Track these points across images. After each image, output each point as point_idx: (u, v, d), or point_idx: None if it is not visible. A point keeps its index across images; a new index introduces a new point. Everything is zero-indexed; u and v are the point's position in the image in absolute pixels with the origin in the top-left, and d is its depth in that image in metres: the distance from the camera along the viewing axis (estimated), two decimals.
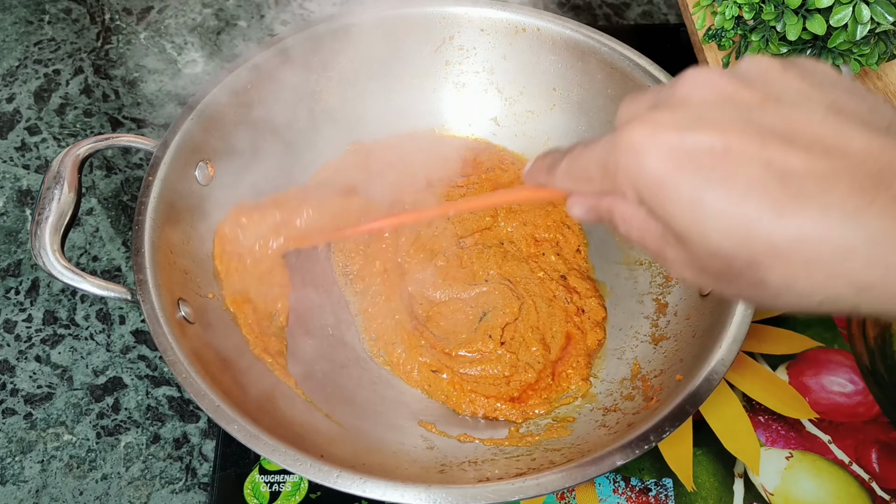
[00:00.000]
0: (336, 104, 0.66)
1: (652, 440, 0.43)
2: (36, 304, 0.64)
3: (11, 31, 0.82)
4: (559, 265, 0.61)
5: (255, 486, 0.53)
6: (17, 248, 0.67)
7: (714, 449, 0.55)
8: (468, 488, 0.41)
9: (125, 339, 0.62)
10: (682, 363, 0.51)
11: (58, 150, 0.73)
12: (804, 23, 0.56)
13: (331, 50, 0.63)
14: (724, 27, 0.62)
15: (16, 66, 0.79)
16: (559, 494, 0.53)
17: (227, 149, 0.59)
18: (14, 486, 0.56)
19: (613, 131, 0.29)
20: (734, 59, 0.65)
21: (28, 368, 0.61)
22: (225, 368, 0.49)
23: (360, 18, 0.62)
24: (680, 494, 0.53)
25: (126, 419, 0.59)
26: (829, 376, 0.58)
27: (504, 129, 0.68)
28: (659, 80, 0.59)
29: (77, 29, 0.82)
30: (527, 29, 0.63)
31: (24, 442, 0.58)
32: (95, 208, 0.69)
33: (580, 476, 0.42)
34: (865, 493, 0.54)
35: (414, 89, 0.67)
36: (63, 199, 0.49)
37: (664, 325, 0.56)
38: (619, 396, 0.53)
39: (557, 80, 0.65)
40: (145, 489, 0.56)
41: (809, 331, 0.61)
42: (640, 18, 0.86)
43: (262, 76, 0.60)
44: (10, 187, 0.71)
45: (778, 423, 0.56)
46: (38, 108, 0.76)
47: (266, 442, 0.42)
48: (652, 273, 0.60)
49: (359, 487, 0.41)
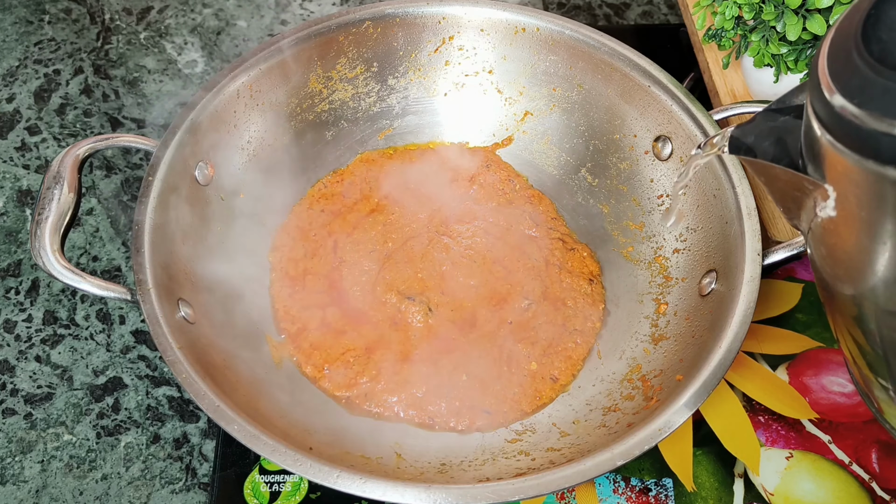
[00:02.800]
0: (336, 104, 0.66)
1: (652, 440, 0.43)
2: (36, 304, 0.64)
3: (11, 31, 0.82)
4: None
5: (255, 486, 0.53)
6: (17, 248, 0.67)
7: (714, 449, 0.55)
8: (468, 488, 0.41)
9: (125, 339, 0.62)
10: (682, 363, 0.51)
11: (58, 150, 0.73)
12: (804, 23, 0.56)
13: (331, 50, 0.63)
14: (724, 27, 0.62)
15: (16, 66, 0.79)
16: (559, 494, 0.53)
17: (226, 149, 0.59)
18: (14, 486, 0.56)
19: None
20: (734, 59, 0.65)
21: (28, 368, 0.61)
22: (225, 368, 0.49)
23: (360, 18, 0.62)
24: (680, 494, 0.53)
25: (126, 419, 0.59)
26: (829, 376, 0.58)
27: (504, 131, 0.68)
28: (659, 80, 0.59)
29: (77, 29, 0.82)
30: (527, 29, 0.63)
31: (24, 442, 0.58)
32: (95, 208, 0.70)
33: (580, 476, 0.42)
34: (865, 493, 0.54)
35: (414, 89, 0.68)
36: (63, 199, 0.49)
37: (664, 325, 0.56)
38: (619, 396, 0.53)
39: (557, 80, 0.65)
40: (145, 489, 0.56)
41: (809, 331, 0.61)
42: (640, 18, 0.86)
43: (262, 76, 0.60)
44: (10, 187, 0.71)
45: (778, 423, 0.56)
46: (38, 108, 0.76)
47: (266, 442, 0.42)
48: (652, 273, 0.60)
49: (359, 487, 0.41)
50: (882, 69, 0.26)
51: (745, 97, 0.66)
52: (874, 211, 0.29)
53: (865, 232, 0.31)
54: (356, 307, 0.59)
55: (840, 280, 0.35)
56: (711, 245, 0.55)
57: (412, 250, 0.61)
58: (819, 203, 0.32)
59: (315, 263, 0.61)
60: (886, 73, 0.26)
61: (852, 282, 0.34)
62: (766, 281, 0.62)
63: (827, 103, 0.28)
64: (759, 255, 0.50)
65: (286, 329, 0.57)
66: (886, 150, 0.27)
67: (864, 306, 0.34)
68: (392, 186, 0.65)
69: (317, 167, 0.66)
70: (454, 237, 0.63)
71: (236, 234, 0.59)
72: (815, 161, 0.31)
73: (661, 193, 0.61)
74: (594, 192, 0.66)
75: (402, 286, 0.59)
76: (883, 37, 0.27)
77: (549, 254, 0.62)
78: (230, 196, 0.59)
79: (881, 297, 0.32)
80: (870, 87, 0.27)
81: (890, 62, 0.27)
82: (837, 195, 0.31)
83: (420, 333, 0.57)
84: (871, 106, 0.27)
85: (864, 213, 0.30)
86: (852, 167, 0.28)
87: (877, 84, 0.26)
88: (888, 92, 0.26)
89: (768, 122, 0.36)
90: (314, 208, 0.64)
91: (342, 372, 0.55)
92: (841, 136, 0.28)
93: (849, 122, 0.28)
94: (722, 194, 0.54)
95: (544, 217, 0.65)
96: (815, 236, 0.34)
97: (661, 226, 0.61)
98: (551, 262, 0.61)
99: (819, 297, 0.62)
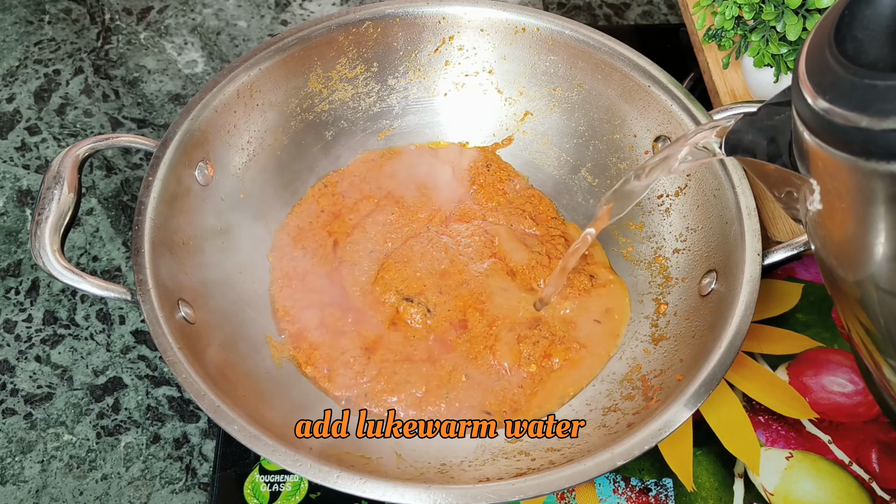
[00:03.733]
0: (336, 104, 0.66)
1: (652, 440, 0.43)
2: (36, 304, 0.64)
3: (11, 31, 0.82)
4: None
5: (255, 486, 0.53)
6: (17, 248, 0.67)
7: (714, 449, 0.55)
8: (468, 488, 0.41)
9: (125, 339, 0.62)
10: (682, 363, 0.51)
11: (58, 150, 0.73)
12: (804, 23, 0.56)
13: (331, 50, 0.63)
14: (724, 27, 0.62)
15: (16, 66, 0.79)
16: (559, 494, 0.53)
17: (226, 149, 0.59)
18: (14, 486, 0.56)
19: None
20: (734, 59, 0.65)
21: (28, 368, 0.61)
22: (225, 368, 0.49)
23: (360, 18, 0.62)
24: (680, 494, 0.53)
25: (126, 419, 0.59)
26: (829, 376, 0.58)
27: (504, 131, 0.68)
28: (659, 80, 0.59)
29: (77, 29, 0.82)
30: (527, 29, 0.63)
31: (24, 442, 0.58)
32: (95, 208, 0.70)
33: (580, 476, 0.42)
34: (865, 493, 0.54)
35: (414, 89, 0.68)
36: (63, 199, 0.49)
37: (664, 325, 0.56)
38: (619, 396, 0.53)
39: (557, 80, 0.65)
40: (145, 489, 0.56)
41: (809, 331, 0.61)
42: (640, 18, 0.86)
43: (262, 76, 0.60)
44: (10, 187, 0.71)
45: (778, 423, 0.56)
46: (38, 108, 0.76)
47: (266, 442, 0.42)
48: (652, 273, 0.60)
49: (359, 487, 0.41)
50: (850, 66, 0.28)
51: (745, 97, 0.66)
52: (852, 201, 0.31)
53: (848, 222, 0.32)
54: (356, 307, 0.59)
55: (839, 266, 0.35)
56: (711, 245, 0.55)
57: (411, 250, 0.61)
58: (808, 197, 0.33)
59: (315, 263, 0.61)
60: (854, 70, 0.27)
61: (849, 267, 0.35)
62: (766, 281, 0.62)
63: (804, 100, 0.30)
64: (759, 255, 0.50)
65: (286, 329, 0.57)
66: (857, 143, 0.28)
67: (865, 289, 0.35)
68: (392, 186, 0.65)
69: (317, 167, 0.66)
70: (454, 237, 0.63)
71: (236, 235, 0.59)
72: (801, 157, 0.33)
73: (662, 193, 0.61)
74: (594, 192, 0.66)
75: (401, 286, 0.59)
76: (858, 35, 0.29)
77: (551, 250, 0.62)
78: (230, 196, 0.59)
79: (880, 278, 0.33)
80: (839, 84, 0.28)
81: (862, 60, 0.28)
82: (821, 189, 0.32)
83: (419, 334, 0.57)
84: (841, 102, 0.28)
85: (843, 204, 0.31)
86: (830, 160, 0.30)
87: (845, 80, 0.28)
88: (855, 88, 0.27)
89: (763, 119, 0.38)
90: (314, 208, 0.64)
91: (342, 372, 0.55)
92: (818, 132, 0.30)
93: (822, 118, 0.29)
94: (722, 194, 0.54)
95: (544, 217, 0.65)
96: (811, 228, 0.35)
97: (661, 225, 0.61)
98: (552, 261, 0.61)
99: (822, 296, 0.62)
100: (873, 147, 0.27)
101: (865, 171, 0.28)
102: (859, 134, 0.27)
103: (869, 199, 0.29)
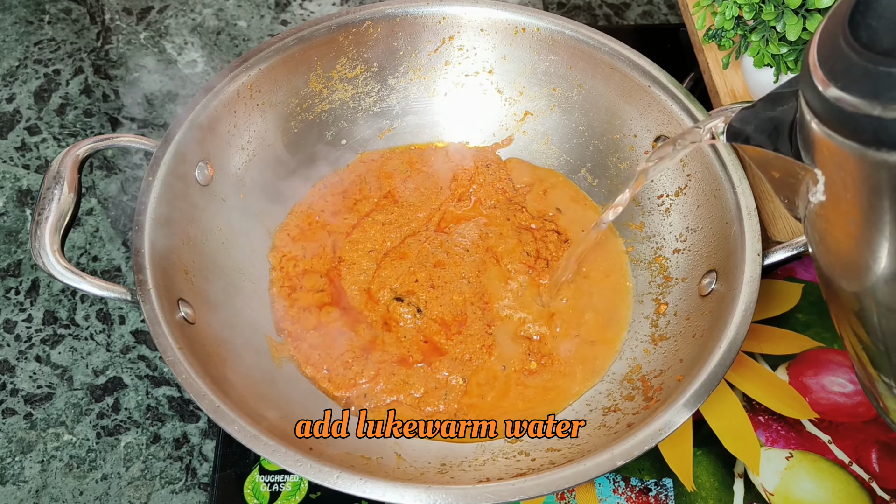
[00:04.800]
0: (336, 104, 0.66)
1: (652, 440, 0.43)
2: (36, 304, 0.64)
3: (11, 31, 0.82)
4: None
5: (255, 486, 0.53)
6: (17, 248, 0.67)
7: (714, 449, 0.55)
8: (468, 488, 0.41)
9: (125, 339, 0.62)
10: (682, 363, 0.51)
11: (58, 150, 0.73)
12: (804, 23, 0.56)
13: (331, 50, 0.63)
14: (724, 27, 0.62)
15: (16, 66, 0.79)
16: (559, 494, 0.53)
17: (226, 149, 0.59)
18: (14, 486, 0.56)
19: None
20: (734, 59, 0.65)
21: (28, 368, 0.61)
22: (225, 368, 0.49)
23: (360, 18, 0.62)
24: (680, 494, 0.53)
25: (126, 419, 0.59)
26: (829, 376, 0.58)
27: (504, 131, 0.68)
28: (659, 80, 0.59)
29: (77, 29, 0.82)
30: (527, 29, 0.63)
31: (24, 442, 0.58)
32: (95, 208, 0.70)
33: (580, 476, 0.42)
34: (865, 493, 0.54)
35: (414, 89, 0.67)
36: (63, 200, 0.49)
37: (664, 325, 0.56)
38: (619, 396, 0.53)
39: (557, 80, 0.65)
40: (145, 489, 0.56)
41: (809, 331, 0.61)
42: (640, 18, 0.86)
43: (262, 76, 0.60)
44: (10, 187, 0.71)
45: (778, 423, 0.56)
46: (38, 108, 0.76)
47: (266, 442, 0.42)
48: (652, 273, 0.60)
49: (359, 488, 0.41)
50: (865, 53, 0.27)
51: (745, 97, 0.66)
52: (858, 192, 0.30)
53: (852, 215, 0.32)
54: (354, 307, 0.59)
55: (839, 274, 0.35)
56: (711, 245, 0.55)
57: (409, 248, 0.61)
58: (811, 188, 0.33)
59: (314, 263, 0.61)
60: (869, 57, 0.27)
61: (849, 273, 0.34)
62: (766, 281, 0.62)
63: (814, 87, 0.29)
64: (759, 256, 0.50)
65: (286, 329, 0.57)
66: (868, 131, 0.27)
67: (864, 301, 0.34)
68: (391, 186, 0.65)
69: (317, 167, 0.66)
70: (453, 236, 0.63)
71: (236, 235, 0.59)
72: (805, 146, 0.32)
73: (662, 193, 0.61)
74: (594, 192, 0.66)
75: (396, 283, 0.59)
76: (872, 23, 0.28)
77: (550, 250, 0.62)
78: (230, 196, 0.59)
79: (879, 291, 0.33)
80: (852, 71, 0.28)
81: (877, 48, 0.27)
82: (826, 179, 0.32)
83: (410, 334, 0.57)
84: (853, 89, 0.28)
85: (849, 195, 0.31)
86: (838, 150, 0.29)
87: (859, 67, 0.27)
88: (869, 75, 0.27)
89: (766, 110, 0.37)
90: (314, 208, 0.64)
91: (341, 372, 0.55)
92: (827, 120, 0.29)
93: (832, 106, 0.29)
94: (722, 194, 0.54)
95: (544, 216, 0.65)
96: (810, 224, 0.35)
97: (661, 226, 0.61)
98: (552, 260, 0.61)
99: (821, 297, 0.62)
100: (884, 136, 0.27)
101: (874, 162, 0.28)
102: (870, 122, 0.27)
103: (874, 190, 0.29)
